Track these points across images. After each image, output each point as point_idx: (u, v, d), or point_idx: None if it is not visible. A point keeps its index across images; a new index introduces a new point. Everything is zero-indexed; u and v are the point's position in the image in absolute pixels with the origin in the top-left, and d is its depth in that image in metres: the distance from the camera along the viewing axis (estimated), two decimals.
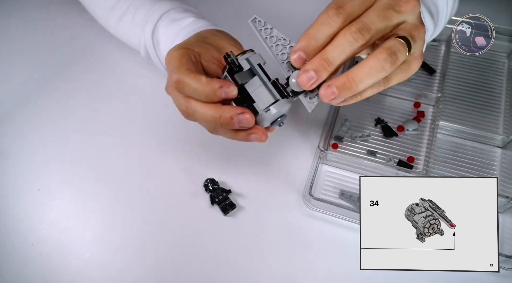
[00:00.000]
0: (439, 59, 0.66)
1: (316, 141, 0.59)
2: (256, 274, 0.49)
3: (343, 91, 0.36)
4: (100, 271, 0.50)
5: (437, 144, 0.58)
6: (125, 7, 0.56)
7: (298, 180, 0.56)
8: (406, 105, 0.62)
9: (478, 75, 0.65)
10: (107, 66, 0.69)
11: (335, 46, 0.35)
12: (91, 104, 0.65)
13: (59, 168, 0.58)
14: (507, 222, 0.51)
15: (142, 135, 0.61)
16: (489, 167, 0.56)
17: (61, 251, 0.51)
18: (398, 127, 0.59)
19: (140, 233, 0.52)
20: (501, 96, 0.62)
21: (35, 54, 0.71)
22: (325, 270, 0.49)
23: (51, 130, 0.62)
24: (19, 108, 0.64)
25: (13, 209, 0.55)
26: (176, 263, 0.50)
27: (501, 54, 0.66)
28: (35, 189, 0.56)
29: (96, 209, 0.54)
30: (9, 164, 0.59)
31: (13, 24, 0.76)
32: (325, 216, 0.53)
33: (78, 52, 0.71)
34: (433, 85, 0.63)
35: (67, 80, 0.68)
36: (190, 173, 0.57)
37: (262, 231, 0.52)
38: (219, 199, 0.53)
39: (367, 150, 0.58)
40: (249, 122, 0.39)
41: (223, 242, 0.51)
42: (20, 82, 0.68)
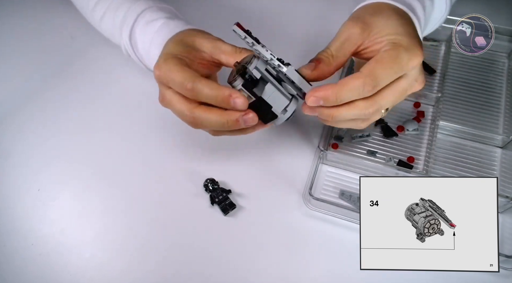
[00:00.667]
0: (439, 59, 0.66)
1: (316, 141, 0.59)
2: (256, 274, 0.49)
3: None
4: (100, 271, 0.50)
5: (437, 144, 0.58)
6: (105, 6, 0.56)
7: (298, 180, 0.56)
8: (406, 105, 0.62)
9: (478, 75, 0.64)
10: (107, 66, 0.69)
11: (347, 113, 0.40)
12: (91, 104, 0.65)
13: (59, 168, 0.58)
14: (507, 222, 0.51)
15: (142, 135, 0.61)
16: (489, 167, 0.56)
17: (61, 251, 0.51)
18: (398, 127, 0.59)
19: (140, 233, 0.52)
20: (501, 96, 0.62)
21: (35, 54, 0.71)
22: (325, 270, 0.49)
23: (51, 130, 0.62)
24: (19, 108, 0.64)
25: (13, 209, 0.55)
26: (176, 263, 0.50)
27: (501, 54, 0.66)
28: (35, 189, 0.56)
29: (96, 209, 0.54)
30: (9, 164, 0.59)
31: (13, 24, 0.76)
32: (325, 216, 0.53)
33: (78, 52, 0.71)
34: (433, 85, 0.63)
35: (67, 80, 0.68)
36: (190, 173, 0.57)
37: (262, 231, 0.52)
38: (219, 199, 0.53)
39: (367, 150, 0.58)
40: (254, 121, 0.42)
41: (223, 242, 0.51)
42: (20, 82, 0.68)
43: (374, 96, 0.40)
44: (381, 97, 0.40)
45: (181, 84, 0.42)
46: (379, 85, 0.39)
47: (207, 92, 0.41)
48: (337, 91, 0.39)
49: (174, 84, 0.43)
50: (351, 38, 0.42)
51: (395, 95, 0.40)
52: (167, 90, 0.44)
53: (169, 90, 0.44)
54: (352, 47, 0.42)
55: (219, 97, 0.41)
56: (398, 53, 0.39)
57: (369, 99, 0.40)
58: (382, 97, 0.40)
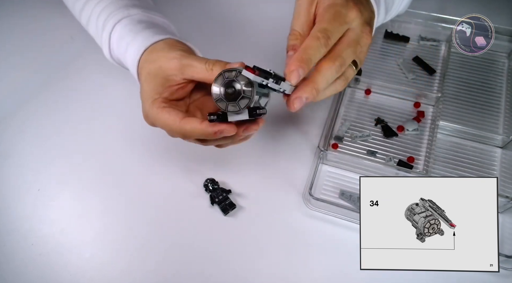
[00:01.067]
0: (439, 59, 0.66)
1: (316, 141, 0.59)
2: (256, 274, 0.49)
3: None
4: (100, 271, 0.50)
5: (437, 144, 0.58)
6: (89, 13, 0.55)
7: (298, 180, 0.56)
8: (406, 105, 0.62)
9: (478, 75, 0.65)
10: (108, 66, 0.69)
11: (323, 78, 0.42)
12: (91, 104, 0.65)
13: (59, 168, 0.58)
14: (507, 222, 0.51)
15: (142, 136, 0.61)
16: (489, 167, 0.56)
17: (61, 251, 0.51)
18: (398, 127, 0.59)
19: (140, 233, 0.52)
20: (501, 96, 0.62)
21: (35, 54, 0.71)
22: (325, 270, 0.49)
23: (51, 130, 0.62)
24: (19, 108, 0.64)
25: (13, 209, 0.55)
26: (176, 262, 0.50)
27: (501, 54, 0.66)
28: (35, 189, 0.56)
29: (96, 209, 0.54)
30: (9, 164, 0.59)
31: (13, 24, 0.76)
32: (325, 216, 0.53)
33: (78, 52, 0.71)
34: (433, 85, 0.63)
35: (67, 80, 0.68)
36: (190, 173, 0.57)
37: (262, 231, 0.52)
38: (219, 199, 0.53)
39: (367, 150, 0.58)
40: (231, 132, 0.43)
41: (223, 242, 0.51)
42: (20, 82, 0.68)
43: (333, 52, 0.42)
44: (339, 50, 0.43)
45: (171, 133, 0.45)
46: (332, 36, 0.42)
47: (194, 134, 0.43)
48: (304, 53, 0.41)
49: (165, 128, 0.45)
50: (306, 9, 0.45)
51: (350, 46, 0.43)
52: None
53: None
54: (311, 16, 0.45)
55: (206, 135, 0.42)
56: (335, 9, 0.43)
57: (330, 56, 0.42)
58: (340, 50, 0.43)
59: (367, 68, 0.65)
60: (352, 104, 0.63)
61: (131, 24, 0.50)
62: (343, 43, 0.43)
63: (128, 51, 0.49)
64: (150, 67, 0.46)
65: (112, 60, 0.54)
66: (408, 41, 0.69)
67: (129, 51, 0.49)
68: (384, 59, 0.67)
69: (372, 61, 0.67)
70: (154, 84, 0.45)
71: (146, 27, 0.50)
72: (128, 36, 0.49)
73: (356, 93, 0.64)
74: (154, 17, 0.53)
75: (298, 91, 0.41)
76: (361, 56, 0.46)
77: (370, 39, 0.45)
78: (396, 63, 0.66)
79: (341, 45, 0.43)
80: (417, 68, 0.66)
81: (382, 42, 0.69)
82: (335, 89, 0.45)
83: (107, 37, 0.51)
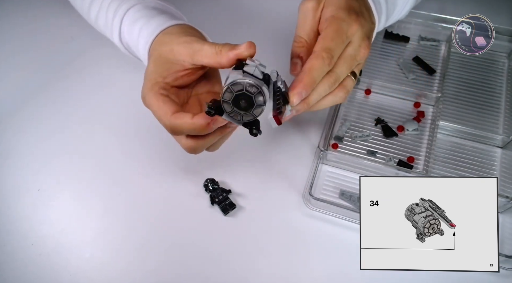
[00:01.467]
0: (439, 59, 0.66)
1: (316, 141, 0.59)
2: (256, 274, 0.49)
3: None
4: (100, 271, 0.50)
5: (437, 144, 0.58)
6: (98, 7, 0.56)
7: (298, 180, 0.56)
8: (406, 105, 0.62)
9: (478, 75, 0.65)
10: (107, 66, 0.69)
11: (317, 94, 0.43)
12: (91, 105, 0.65)
13: (59, 168, 0.58)
14: (507, 222, 0.51)
15: (142, 136, 0.61)
16: (489, 167, 0.56)
17: (61, 251, 0.51)
18: (398, 127, 0.59)
19: (140, 233, 0.52)
20: (501, 96, 0.62)
21: (35, 54, 0.71)
22: (325, 270, 0.49)
23: (51, 130, 0.62)
24: (19, 108, 0.64)
25: (13, 209, 0.55)
26: (176, 262, 0.50)
27: (501, 54, 0.66)
28: (35, 189, 0.56)
29: (96, 209, 0.54)
30: (9, 164, 0.59)
31: (13, 24, 0.76)
32: (325, 216, 0.53)
33: (78, 52, 0.71)
34: (433, 85, 0.63)
35: (67, 80, 0.68)
36: (190, 173, 0.57)
37: (262, 231, 0.52)
38: (219, 199, 0.53)
39: (367, 150, 0.58)
40: (222, 122, 0.43)
41: (223, 242, 0.51)
42: (20, 82, 0.68)
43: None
44: (335, 66, 0.43)
45: (161, 121, 0.45)
46: (335, 55, 0.42)
47: (184, 129, 0.43)
48: (309, 76, 0.41)
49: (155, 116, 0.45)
50: (312, 16, 0.45)
51: (346, 62, 0.44)
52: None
53: None
54: (316, 23, 0.45)
55: (199, 128, 0.42)
56: (337, 25, 0.43)
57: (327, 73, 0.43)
58: (336, 66, 0.43)
59: (367, 68, 0.65)
60: (352, 104, 0.63)
61: (145, 9, 0.52)
62: (340, 59, 0.43)
63: (141, 34, 0.50)
64: (162, 49, 0.46)
65: (121, 44, 0.54)
66: (408, 41, 0.69)
67: (142, 33, 0.49)
68: (384, 59, 0.67)
69: (372, 61, 0.67)
70: (161, 67, 0.45)
71: (160, 13, 0.51)
72: (142, 19, 0.50)
73: (356, 93, 0.64)
74: (167, 6, 0.54)
75: (294, 87, 0.41)
76: (358, 68, 0.47)
77: (368, 52, 0.46)
78: (396, 63, 0.66)
79: (338, 61, 0.43)
80: (417, 68, 0.66)
81: (382, 42, 0.69)
82: (334, 101, 0.46)
83: (118, 21, 0.52)
